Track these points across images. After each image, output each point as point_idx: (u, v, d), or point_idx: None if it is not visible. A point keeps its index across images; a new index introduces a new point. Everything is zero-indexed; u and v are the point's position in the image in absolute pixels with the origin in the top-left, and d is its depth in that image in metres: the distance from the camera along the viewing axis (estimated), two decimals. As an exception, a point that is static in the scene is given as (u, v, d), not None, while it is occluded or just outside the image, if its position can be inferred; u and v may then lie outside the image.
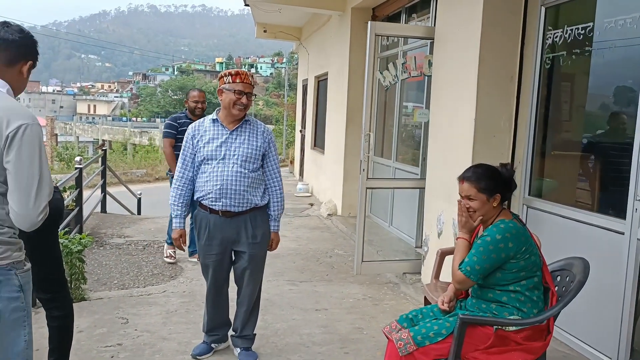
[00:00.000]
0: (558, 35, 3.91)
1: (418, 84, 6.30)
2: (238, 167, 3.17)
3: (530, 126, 4.14)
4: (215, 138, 3.21)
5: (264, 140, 3.28)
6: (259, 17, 11.40)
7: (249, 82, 3.21)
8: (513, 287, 2.51)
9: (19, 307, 2.00)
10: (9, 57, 2.01)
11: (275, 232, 3.44)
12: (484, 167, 2.66)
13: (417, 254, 5.75)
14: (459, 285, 2.59)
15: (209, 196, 3.20)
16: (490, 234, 2.51)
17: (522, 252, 2.48)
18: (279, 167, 3.41)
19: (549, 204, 3.93)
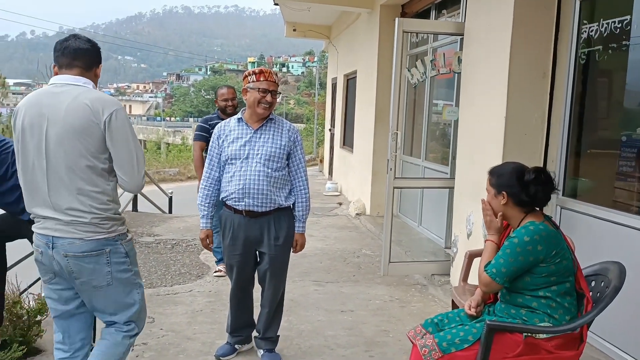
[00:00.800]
0: (594, 29, 3.74)
1: (448, 82, 6.17)
2: (261, 166, 3.13)
3: (564, 124, 3.98)
4: (239, 137, 3.19)
5: (289, 138, 3.23)
6: (289, 16, 11.39)
7: (273, 80, 3.17)
8: (543, 293, 2.40)
9: (127, 269, 2.47)
10: (88, 63, 2.45)
11: (301, 233, 3.36)
12: (508, 163, 2.59)
13: (446, 255, 5.63)
14: (484, 287, 2.49)
15: (232, 196, 3.17)
16: (517, 236, 2.40)
17: (553, 256, 2.36)
18: (304, 167, 3.33)
19: (584, 205, 3.77)
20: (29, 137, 2.33)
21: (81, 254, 2.31)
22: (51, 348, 3.55)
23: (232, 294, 3.44)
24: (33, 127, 2.32)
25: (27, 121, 2.33)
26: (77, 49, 2.44)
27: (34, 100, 2.36)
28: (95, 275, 2.36)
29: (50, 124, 2.30)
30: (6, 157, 2.81)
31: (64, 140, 2.29)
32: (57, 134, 2.29)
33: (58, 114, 2.29)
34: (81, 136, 2.29)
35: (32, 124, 2.32)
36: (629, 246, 3.31)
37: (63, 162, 2.29)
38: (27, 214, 2.74)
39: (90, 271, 2.35)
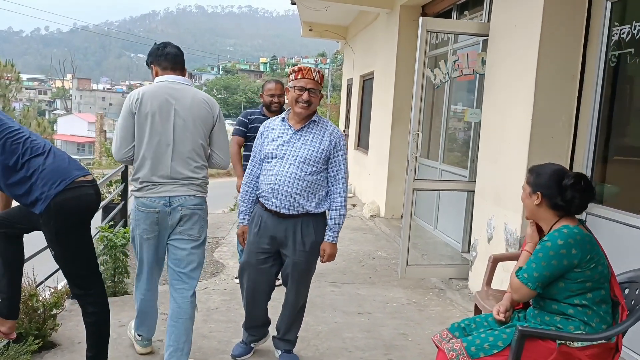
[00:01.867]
0: (625, 32, 3.66)
1: (466, 84, 6.09)
2: (294, 168, 3.03)
3: (592, 128, 3.89)
4: (279, 137, 3.12)
5: (330, 142, 3.08)
6: (305, 16, 11.35)
7: (311, 78, 3.05)
8: (579, 300, 2.31)
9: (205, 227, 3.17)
10: (183, 65, 3.17)
11: (331, 243, 3.15)
12: (550, 164, 2.50)
13: (464, 259, 5.55)
14: (516, 294, 2.38)
15: (263, 194, 3.12)
16: (550, 239, 2.32)
17: (588, 260, 2.29)
18: (344, 174, 3.14)
19: (610, 211, 3.68)
20: (158, 120, 2.95)
21: (192, 206, 3.04)
22: (66, 342, 3.53)
23: (246, 292, 3.30)
24: (162, 113, 2.95)
25: (155, 108, 2.94)
26: (176, 55, 3.13)
27: (158, 92, 2.98)
28: (195, 225, 3.07)
29: (177, 113, 2.98)
30: (17, 147, 2.72)
31: (189, 126, 3.00)
32: (184, 120, 2.99)
33: (184, 106, 2.99)
34: (203, 124, 3.05)
35: (161, 110, 2.95)
36: (659, 254, 3.22)
37: (188, 141, 3.00)
38: (37, 208, 2.70)
39: (193, 221, 3.07)
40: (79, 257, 2.89)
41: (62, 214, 2.74)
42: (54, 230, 2.77)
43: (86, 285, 2.93)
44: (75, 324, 3.80)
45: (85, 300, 2.94)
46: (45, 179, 2.71)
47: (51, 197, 2.70)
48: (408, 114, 7.44)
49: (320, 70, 3.18)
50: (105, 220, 5.51)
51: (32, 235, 3.24)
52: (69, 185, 2.74)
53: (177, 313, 3.10)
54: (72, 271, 2.92)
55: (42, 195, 2.70)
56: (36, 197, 2.71)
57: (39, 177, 2.72)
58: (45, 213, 2.72)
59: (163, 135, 2.96)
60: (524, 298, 2.41)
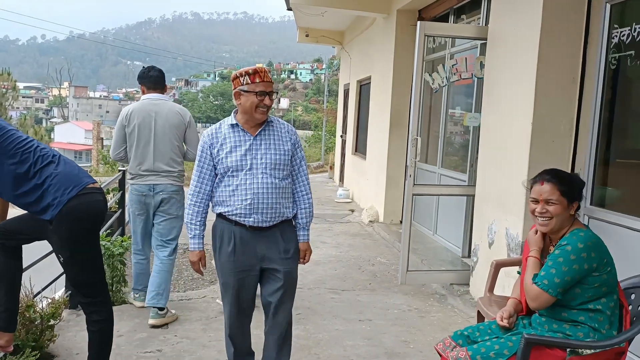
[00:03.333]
0: (625, 34, 3.63)
1: (464, 88, 6.07)
2: (268, 177, 2.79)
3: (593, 131, 3.86)
4: (237, 146, 2.81)
5: (291, 140, 2.91)
6: (301, 22, 11.34)
7: (269, 80, 2.81)
8: (593, 306, 2.27)
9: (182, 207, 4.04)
10: (163, 85, 4.24)
11: (306, 242, 3.01)
12: (564, 171, 2.45)
13: (464, 264, 5.51)
14: (535, 302, 2.32)
15: (236, 212, 2.80)
16: (570, 243, 2.27)
17: (605, 264, 2.25)
18: (306, 170, 3.00)
19: (613, 214, 3.65)
20: (142, 129, 4.05)
21: (171, 192, 4.12)
22: (64, 354, 3.48)
23: (230, 319, 2.98)
24: (145, 124, 4.06)
25: (140, 120, 4.06)
26: (157, 77, 4.21)
27: (143, 108, 4.10)
28: (172, 207, 4.14)
29: (157, 122, 4.06)
30: (28, 156, 2.76)
31: (166, 131, 4.07)
32: (162, 127, 4.07)
33: (162, 117, 4.08)
34: (177, 129, 4.11)
35: (145, 122, 4.06)
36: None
37: (166, 143, 4.07)
38: (48, 214, 2.70)
39: (171, 203, 4.13)
40: (87, 264, 2.88)
41: (75, 220, 2.75)
42: (65, 236, 2.76)
43: (93, 293, 2.90)
44: (73, 335, 3.75)
45: (91, 308, 2.91)
46: (57, 186, 2.74)
47: (64, 203, 2.71)
48: (406, 118, 7.45)
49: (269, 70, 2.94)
50: (102, 229, 5.45)
51: (29, 245, 3.20)
52: (81, 191, 2.77)
53: (159, 267, 4.13)
54: (80, 278, 2.90)
55: (55, 201, 2.72)
56: (48, 204, 2.73)
57: (51, 184, 2.74)
58: (56, 219, 2.73)
59: (146, 140, 4.07)
60: (543, 306, 2.31)
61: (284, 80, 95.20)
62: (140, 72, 4.25)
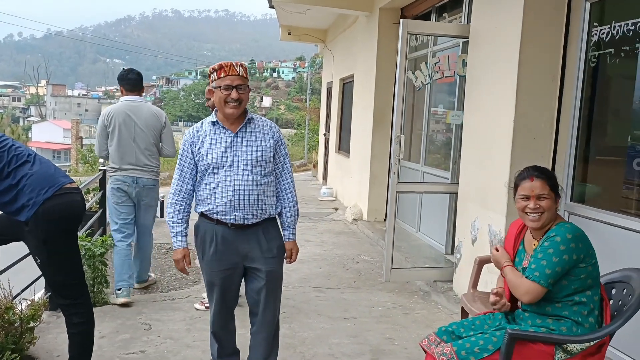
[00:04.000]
0: (605, 32, 3.68)
1: (447, 86, 6.10)
2: (249, 173, 2.77)
3: (573, 128, 3.91)
4: (218, 143, 2.80)
5: (273, 137, 2.88)
6: (284, 20, 11.31)
7: (236, 74, 2.76)
8: (579, 298, 2.31)
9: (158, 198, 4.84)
10: (141, 87, 4.70)
11: (293, 241, 3.01)
12: (539, 166, 2.49)
13: (448, 261, 5.54)
14: (527, 296, 2.32)
15: (217, 209, 2.78)
16: (559, 234, 2.30)
17: (590, 255, 2.30)
18: (290, 168, 2.99)
19: (592, 210, 3.70)
20: (123, 129, 4.50)
21: (149, 185, 4.64)
22: (45, 356, 3.43)
23: (215, 317, 2.98)
24: (125, 123, 4.51)
25: (120, 121, 4.50)
26: (136, 79, 4.65)
27: (122, 109, 4.54)
28: (150, 198, 4.69)
29: (136, 123, 4.53)
30: (2, 155, 2.69)
31: (145, 131, 4.55)
32: (141, 127, 4.53)
33: (140, 117, 4.54)
34: (154, 129, 4.60)
35: (125, 122, 4.50)
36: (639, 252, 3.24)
37: (144, 141, 4.55)
38: (23, 215, 2.64)
39: (150, 195, 4.68)
40: (66, 265, 2.82)
41: (51, 221, 2.70)
42: (42, 237, 2.71)
43: (72, 295, 2.86)
44: (54, 337, 3.70)
45: (71, 310, 2.86)
46: (33, 186, 2.68)
47: (39, 204, 2.66)
48: (389, 116, 7.48)
49: (243, 63, 2.89)
50: (82, 229, 5.37)
51: (7, 246, 3.15)
52: (57, 191, 2.72)
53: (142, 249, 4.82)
54: (58, 280, 2.84)
55: (30, 202, 2.66)
56: (22, 204, 2.67)
57: (26, 185, 2.68)
58: (32, 220, 2.67)
59: (127, 138, 4.52)
60: (536, 298, 2.32)
61: (266, 78, 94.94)
62: (120, 74, 4.69)
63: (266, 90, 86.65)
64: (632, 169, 3.55)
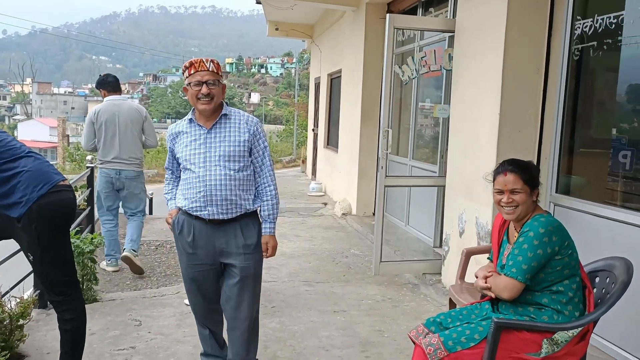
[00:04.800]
0: (588, 25, 3.73)
1: (434, 80, 6.14)
2: (222, 168, 2.78)
3: (558, 121, 3.96)
4: (193, 140, 2.83)
5: (249, 132, 2.85)
6: (271, 15, 11.30)
7: (205, 69, 2.76)
8: (556, 287, 2.35)
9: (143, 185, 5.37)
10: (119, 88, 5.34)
11: (271, 235, 2.95)
12: (522, 160, 2.52)
13: (436, 254, 5.59)
14: (505, 292, 2.37)
15: (193, 205, 2.81)
16: (532, 229, 2.35)
17: (566, 247, 2.34)
18: (270, 161, 2.96)
19: (577, 202, 3.76)
20: (109, 126, 5.04)
21: (133, 177, 5.17)
22: (35, 353, 3.43)
23: (194, 311, 3.05)
24: (111, 120, 5.05)
25: (106, 118, 5.04)
26: (114, 82, 5.29)
27: (107, 109, 5.09)
28: (135, 187, 5.23)
29: (120, 119, 5.07)
30: None
31: (128, 125, 5.10)
32: (124, 123, 5.09)
33: (123, 114, 5.10)
34: (136, 123, 5.17)
35: (110, 119, 5.05)
36: (624, 242, 3.30)
37: (128, 135, 5.09)
38: (15, 211, 2.64)
39: (134, 185, 5.21)
40: (59, 261, 2.82)
41: (45, 218, 2.70)
42: (36, 234, 2.70)
43: (65, 291, 2.86)
44: (43, 334, 3.69)
45: (63, 307, 2.86)
46: (27, 182, 2.68)
47: (33, 200, 2.66)
48: (377, 111, 7.51)
49: (214, 59, 2.88)
50: (71, 226, 5.36)
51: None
52: (51, 188, 2.72)
53: (133, 225, 5.32)
54: (51, 277, 2.84)
55: (23, 199, 2.66)
56: (16, 200, 2.67)
57: (20, 181, 2.68)
58: (25, 217, 2.67)
59: (112, 134, 5.06)
60: (515, 294, 2.37)
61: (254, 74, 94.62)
62: (99, 80, 5.34)
63: (254, 87, 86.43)
64: (617, 160, 3.61)
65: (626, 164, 3.55)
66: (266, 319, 4.01)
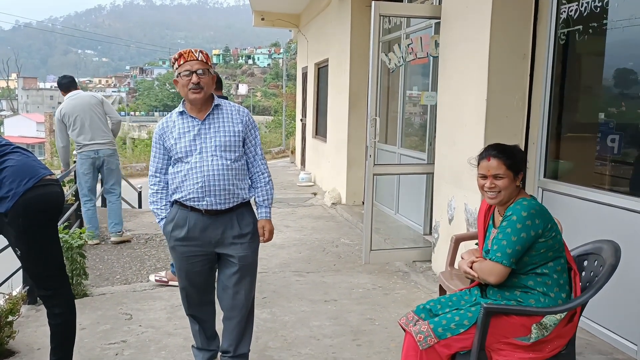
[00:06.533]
0: (573, 9, 3.73)
1: (421, 68, 6.13)
2: (218, 159, 2.77)
3: (545, 106, 3.97)
4: (186, 132, 2.80)
5: (242, 122, 2.87)
6: (257, 5, 11.22)
7: (195, 59, 2.76)
8: (540, 270, 2.37)
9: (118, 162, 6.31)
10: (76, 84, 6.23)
11: (267, 219, 2.97)
12: (507, 145, 2.52)
13: (426, 241, 5.61)
14: (491, 277, 2.38)
15: (189, 196, 2.78)
16: (515, 213, 2.35)
17: (549, 229, 2.34)
18: (262, 150, 2.99)
19: (565, 186, 3.77)
20: (79, 117, 5.83)
21: (109, 154, 5.97)
22: (25, 349, 3.40)
23: (184, 301, 3.04)
24: (76, 112, 5.85)
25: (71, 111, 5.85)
26: (70, 81, 6.13)
27: (69, 104, 5.90)
28: (112, 163, 6.02)
29: (84, 108, 5.87)
30: None
31: (92, 110, 5.90)
32: (88, 109, 5.88)
33: (84, 103, 5.91)
34: (97, 107, 5.97)
35: (75, 111, 5.85)
36: (612, 225, 3.32)
37: (96, 121, 5.90)
38: (3, 206, 2.62)
39: (111, 161, 6.00)
40: (47, 256, 2.80)
41: (31, 212, 2.68)
42: (22, 228, 2.68)
43: (53, 286, 2.83)
44: (33, 330, 3.67)
45: (52, 301, 2.84)
46: (13, 177, 2.66)
47: (19, 195, 2.64)
48: (365, 99, 7.48)
49: (203, 50, 2.86)
50: (60, 221, 5.32)
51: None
52: (37, 182, 2.70)
53: (112, 207, 6.12)
54: (39, 271, 2.82)
55: (10, 193, 2.63)
56: (2, 195, 2.64)
57: (6, 176, 2.65)
58: (12, 211, 2.64)
59: (82, 122, 5.85)
60: (501, 278, 2.38)
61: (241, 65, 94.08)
62: (57, 82, 6.20)
63: (242, 78, 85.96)
64: (605, 144, 3.63)
65: (614, 148, 3.57)
66: (257, 310, 3.99)
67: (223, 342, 3.03)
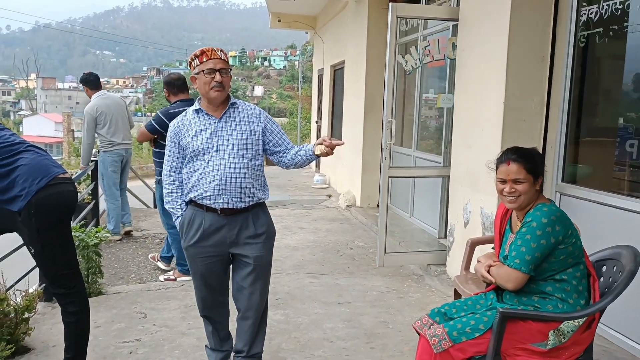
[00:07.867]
0: (593, 11, 3.68)
1: (438, 71, 6.09)
2: (235, 157, 2.76)
3: (563, 109, 3.92)
4: (203, 130, 2.78)
5: (258, 120, 2.87)
6: (273, 7, 11.25)
7: (218, 57, 2.76)
8: (559, 276, 2.33)
9: None
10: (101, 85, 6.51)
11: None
12: (526, 148, 2.48)
13: (441, 245, 5.57)
14: (509, 283, 2.35)
15: (206, 194, 2.76)
16: (535, 219, 2.32)
17: (569, 235, 2.30)
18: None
19: (584, 190, 3.72)
20: (107, 115, 6.13)
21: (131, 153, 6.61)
22: (40, 346, 3.44)
23: (199, 302, 3.03)
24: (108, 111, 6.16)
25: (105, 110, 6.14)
26: (97, 80, 6.34)
27: (102, 102, 6.15)
28: (130, 162, 6.60)
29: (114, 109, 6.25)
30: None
31: (122, 114, 6.32)
32: (118, 111, 6.27)
33: (115, 105, 6.30)
34: (126, 111, 6.45)
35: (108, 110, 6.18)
36: (631, 230, 3.27)
37: (124, 122, 6.33)
38: (16, 205, 2.64)
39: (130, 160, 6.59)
40: (60, 254, 2.82)
41: (44, 211, 2.70)
42: (36, 227, 2.70)
43: (67, 284, 2.86)
44: (49, 327, 3.70)
45: (66, 299, 2.87)
46: (26, 176, 2.68)
47: (32, 194, 2.66)
48: (381, 102, 7.46)
49: (223, 49, 2.88)
50: (76, 220, 5.36)
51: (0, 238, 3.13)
52: (50, 181, 2.72)
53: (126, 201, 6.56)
54: (53, 269, 2.84)
55: (23, 192, 2.66)
56: (16, 194, 2.66)
57: (19, 174, 2.67)
58: (25, 210, 2.67)
59: (113, 121, 6.18)
60: (518, 285, 2.35)
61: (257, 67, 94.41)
62: (82, 78, 6.33)
63: (258, 79, 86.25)
64: (623, 149, 3.57)
65: (633, 153, 3.51)
66: (270, 311, 3.98)
67: (237, 342, 3.03)
